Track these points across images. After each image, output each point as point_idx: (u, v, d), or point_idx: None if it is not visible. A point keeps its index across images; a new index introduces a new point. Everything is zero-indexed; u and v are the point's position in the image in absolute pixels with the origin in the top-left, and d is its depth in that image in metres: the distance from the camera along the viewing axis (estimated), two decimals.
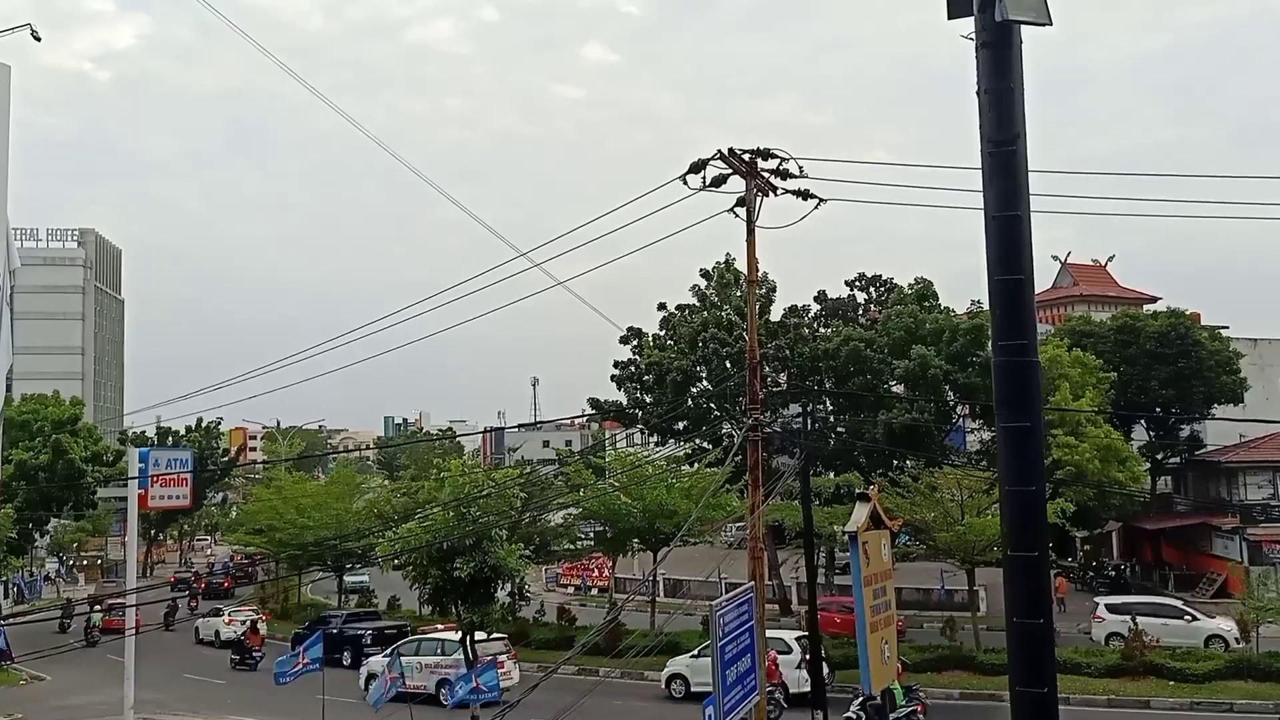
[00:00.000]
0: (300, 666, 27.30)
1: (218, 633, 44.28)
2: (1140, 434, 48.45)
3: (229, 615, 44.90)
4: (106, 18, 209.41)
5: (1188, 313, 48.48)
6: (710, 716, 13.55)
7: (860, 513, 16.46)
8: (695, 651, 29.42)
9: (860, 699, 23.73)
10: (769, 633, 30.00)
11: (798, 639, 28.84)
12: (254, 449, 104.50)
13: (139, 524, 34.09)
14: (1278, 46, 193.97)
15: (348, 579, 53.83)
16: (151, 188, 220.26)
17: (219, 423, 75.37)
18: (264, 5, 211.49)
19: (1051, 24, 5.31)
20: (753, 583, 16.91)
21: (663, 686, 30.22)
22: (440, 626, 36.04)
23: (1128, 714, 27.06)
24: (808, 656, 26.56)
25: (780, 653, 27.80)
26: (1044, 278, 62.91)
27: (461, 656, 29.21)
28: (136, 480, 27.74)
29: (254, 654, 37.69)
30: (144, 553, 71.22)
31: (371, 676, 30.25)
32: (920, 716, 23.97)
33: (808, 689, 26.29)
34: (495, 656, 29.23)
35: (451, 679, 28.25)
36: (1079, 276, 63.49)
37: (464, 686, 23.25)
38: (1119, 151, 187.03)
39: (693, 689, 28.44)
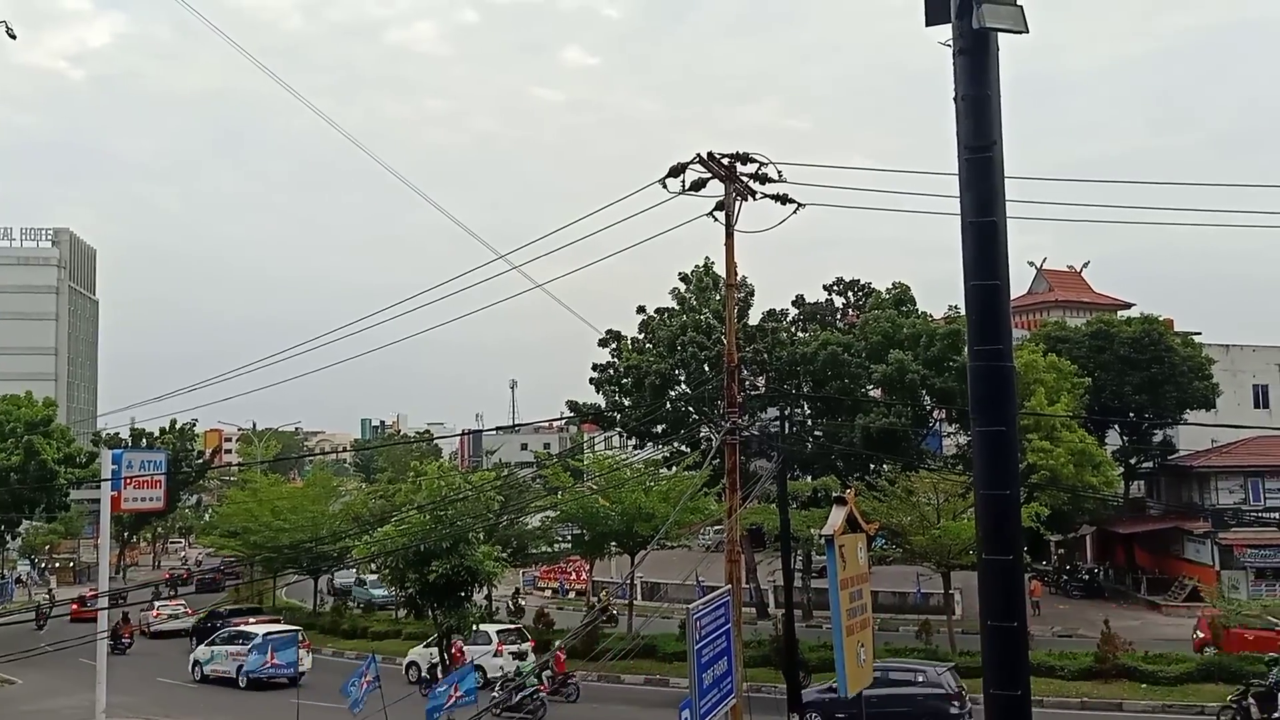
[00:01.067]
0: (269, 666, 30.43)
1: (149, 625, 47.13)
2: (1114, 439, 48.83)
3: (157, 609, 47.16)
4: (83, 16, 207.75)
5: (1161, 319, 48.84)
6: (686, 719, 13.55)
7: (837, 516, 16.50)
8: (424, 644, 33.02)
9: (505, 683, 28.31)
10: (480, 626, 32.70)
11: (499, 632, 33.41)
12: (230, 451, 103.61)
13: (112, 526, 33.94)
14: (1259, 55, 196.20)
15: (373, 591, 52.12)
16: (131, 188, 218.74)
17: (194, 424, 74.78)
18: (244, 5, 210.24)
19: (1028, 32, 5.36)
20: (730, 586, 16.92)
21: (403, 673, 32.85)
22: (252, 620, 39.88)
23: (1101, 716, 27.25)
24: (502, 647, 32.20)
25: (475, 644, 31.59)
26: (1020, 283, 63.18)
27: (255, 645, 32.04)
28: (109, 482, 27.47)
29: (123, 641, 41.15)
30: (117, 555, 70.57)
31: (197, 663, 35.86)
32: (543, 695, 27.03)
33: (505, 675, 30.11)
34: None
35: (245, 664, 32.51)
36: (1054, 282, 63.82)
37: (441, 691, 22.97)
38: (1097, 159, 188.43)
39: (423, 675, 31.66)
